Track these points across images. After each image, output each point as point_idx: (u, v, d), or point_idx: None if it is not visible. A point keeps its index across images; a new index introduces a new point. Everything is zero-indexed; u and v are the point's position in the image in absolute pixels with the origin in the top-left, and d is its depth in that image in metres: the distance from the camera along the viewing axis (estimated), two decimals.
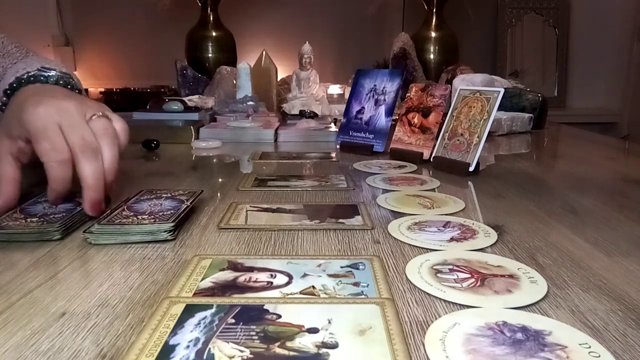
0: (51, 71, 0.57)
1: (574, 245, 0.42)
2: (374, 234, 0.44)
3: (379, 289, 0.33)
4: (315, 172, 0.72)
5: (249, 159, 0.81)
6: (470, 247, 0.41)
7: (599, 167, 0.78)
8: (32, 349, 0.26)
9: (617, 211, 0.52)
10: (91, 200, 0.45)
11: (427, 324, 0.28)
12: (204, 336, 0.26)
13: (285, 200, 0.55)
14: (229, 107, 1.21)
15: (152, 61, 2.19)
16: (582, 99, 2.36)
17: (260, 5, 2.24)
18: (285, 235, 0.44)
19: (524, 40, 2.34)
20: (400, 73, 0.88)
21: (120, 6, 2.23)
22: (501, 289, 0.33)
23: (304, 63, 1.33)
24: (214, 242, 0.42)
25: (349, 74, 1.43)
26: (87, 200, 0.45)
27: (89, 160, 0.45)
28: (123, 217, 0.44)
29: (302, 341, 0.26)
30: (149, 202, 0.48)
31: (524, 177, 0.70)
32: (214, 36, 1.97)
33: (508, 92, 1.10)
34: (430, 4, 2.02)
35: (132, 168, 0.72)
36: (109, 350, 0.26)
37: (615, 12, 2.30)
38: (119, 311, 0.30)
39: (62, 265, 0.37)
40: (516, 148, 0.98)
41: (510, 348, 0.26)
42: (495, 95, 0.67)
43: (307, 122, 1.07)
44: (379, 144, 0.85)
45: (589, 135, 1.18)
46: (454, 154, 0.69)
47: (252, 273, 0.35)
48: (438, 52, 1.98)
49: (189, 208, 0.47)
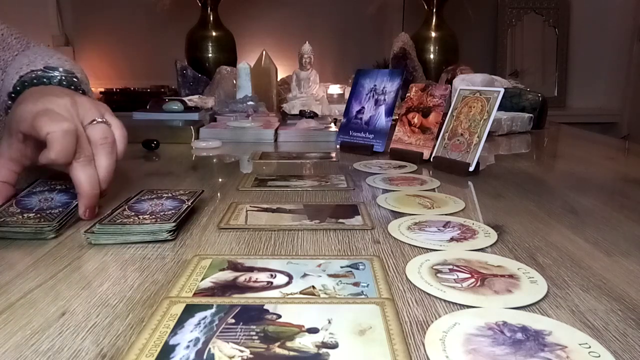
0: (55, 71, 0.56)
1: (574, 245, 0.42)
2: (374, 234, 0.44)
3: (379, 289, 0.33)
4: (315, 172, 0.72)
5: (249, 159, 0.81)
6: (470, 247, 0.41)
7: (599, 167, 0.78)
8: (32, 349, 0.26)
9: (617, 211, 0.52)
10: (86, 206, 0.46)
11: (427, 324, 0.28)
12: (204, 336, 0.26)
13: (285, 200, 0.55)
14: (229, 107, 1.21)
15: (152, 61, 2.19)
16: (582, 99, 2.36)
17: (260, 5, 2.24)
18: (285, 235, 0.44)
19: (524, 40, 2.34)
20: (400, 73, 0.88)
21: (120, 6, 2.23)
22: (501, 289, 0.33)
23: (304, 63, 1.33)
24: (214, 242, 0.42)
25: (349, 74, 1.43)
26: (82, 206, 0.46)
27: (84, 168, 0.45)
28: (124, 216, 0.44)
29: (302, 341, 0.26)
30: (150, 201, 0.48)
31: (524, 177, 0.70)
32: (214, 36, 1.97)
33: (508, 92, 1.10)
34: (430, 4, 2.02)
35: (132, 168, 0.72)
36: (109, 350, 0.26)
37: (615, 12, 2.29)
38: (119, 311, 0.30)
39: (62, 265, 0.37)
40: (516, 148, 0.98)
41: (510, 348, 0.26)
42: (495, 95, 0.67)
43: (307, 122, 1.07)
44: (379, 144, 0.85)
45: (589, 135, 1.18)
46: (454, 154, 0.69)
47: (252, 273, 0.35)
48: (438, 52, 1.98)
49: (190, 208, 0.47)
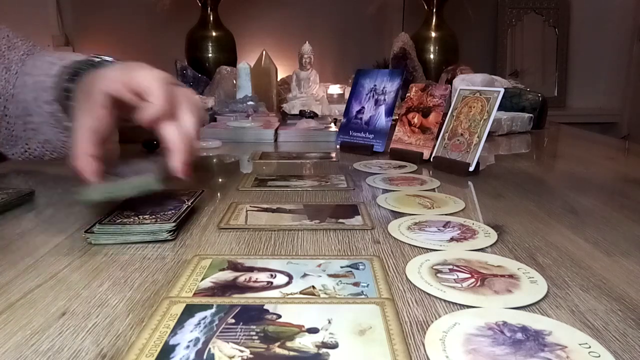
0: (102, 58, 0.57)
1: (574, 245, 0.42)
2: (374, 234, 0.44)
3: (379, 289, 0.33)
4: (315, 172, 0.72)
5: (249, 159, 0.81)
6: (470, 247, 0.41)
7: (599, 167, 0.78)
8: (32, 349, 0.26)
9: (617, 211, 0.52)
10: (181, 161, 0.45)
11: (427, 324, 0.28)
12: (204, 336, 0.26)
13: (285, 200, 0.55)
14: (229, 107, 1.21)
15: (152, 61, 2.17)
16: (582, 99, 2.36)
17: (260, 5, 2.23)
18: (285, 235, 0.44)
19: (524, 40, 2.34)
20: (400, 73, 0.88)
21: (120, 6, 2.22)
22: (501, 289, 0.33)
23: (304, 63, 1.33)
24: (214, 242, 0.42)
25: (349, 74, 1.43)
26: (177, 162, 0.45)
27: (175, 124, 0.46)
28: (124, 216, 0.44)
29: (302, 341, 0.26)
30: (149, 200, 0.48)
31: (524, 177, 0.70)
32: (214, 36, 1.97)
33: (508, 92, 1.10)
34: (430, 4, 2.02)
35: None
36: (109, 350, 0.26)
37: (615, 12, 2.29)
38: (119, 311, 0.30)
39: (62, 265, 0.37)
40: (516, 148, 0.98)
41: (510, 348, 0.26)
42: (495, 95, 0.67)
43: (307, 122, 1.07)
44: (379, 144, 0.85)
45: (589, 135, 1.18)
46: (454, 154, 0.69)
47: (252, 273, 0.35)
48: (438, 52, 1.97)
49: (190, 208, 0.47)
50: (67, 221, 0.47)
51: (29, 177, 0.67)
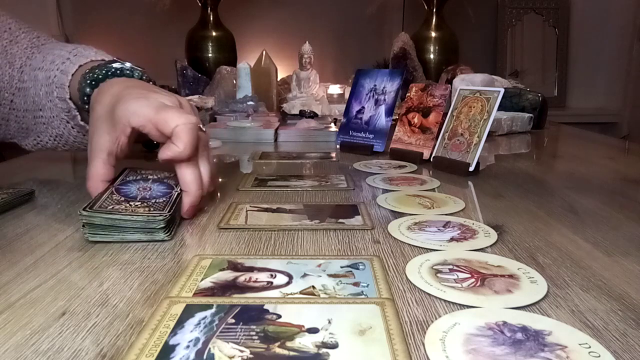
0: (126, 63, 0.56)
1: (574, 245, 0.42)
2: (374, 234, 0.44)
3: (379, 289, 0.33)
4: (315, 172, 0.72)
5: (249, 159, 0.81)
6: (470, 247, 0.41)
7: (599, 167, 0.78)
8: (32, 349, 0.26)
9: (617, 211, 0.52)
10: (190, 204, 0.47)
11: (427, 323, 0.28)
12: (204, 336, 0.26)
13: (285, 200, 0.55)
14: (229, 107, 1.21)
15: (152, 61, 2.19)
16: (582, 99, 2.36)
17: (260, 5, 2.24)
18: (285, 235, 0.44)
19: (524, 40, 2.34)
20: (400, 73, 0.88)
21: (120, 6, 2.23)
22: (501, 289, 0.33)
23: (304, 63, 1.33)
24: (214, 242, 0.42)
25: (349, 74, 1.43)
26: (187, 204, 0.46)
27: (195, 167, 0.47)
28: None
29: (302, 341, 0.26)
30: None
31: (524, 177, 0.70)
32: (214, 36, 1.97)
33: (508, 92, 1.10)
34: (430, 4, 2.02)
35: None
36: (109, 350, 0.26)
37: (615, 12, 2.29)
38: (119, 311, 0.30)
39: (62, 265, 0.37)
40: (516, 148, 0.98)
41: (510, 348, 0.26)
42: (495, 95, 0.67)
43: (307, 122, 1.07)
44: (379, 144, 0.85)
45: (589, 135, 1.18)
46: (454, 154, 0.69)
47: (252, 273, 0.35)
48: (438, 52, 1.97)
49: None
50: (67, 221, 0.47)
51: (29, 177, 0.67)
